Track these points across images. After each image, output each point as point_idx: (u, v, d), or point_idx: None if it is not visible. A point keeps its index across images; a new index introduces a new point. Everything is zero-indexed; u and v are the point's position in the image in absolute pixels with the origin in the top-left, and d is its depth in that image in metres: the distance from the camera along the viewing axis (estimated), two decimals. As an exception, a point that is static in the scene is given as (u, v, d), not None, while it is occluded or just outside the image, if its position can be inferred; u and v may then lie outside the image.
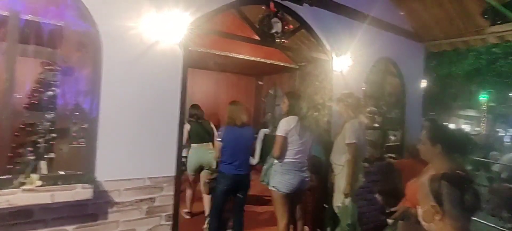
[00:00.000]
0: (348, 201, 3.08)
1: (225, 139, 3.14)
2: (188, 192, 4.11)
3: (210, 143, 3.94)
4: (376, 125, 4.62)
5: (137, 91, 2.60)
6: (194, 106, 4.18)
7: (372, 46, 4.17)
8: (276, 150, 2.91)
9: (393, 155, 4.56)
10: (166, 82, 2.74)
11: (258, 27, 3.23)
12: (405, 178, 2.43)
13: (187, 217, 4.10)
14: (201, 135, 3.94)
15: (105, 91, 2.44)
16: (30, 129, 2.30)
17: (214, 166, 3.77)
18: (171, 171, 2.78)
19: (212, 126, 4.13)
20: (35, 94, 2.38)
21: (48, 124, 2.29)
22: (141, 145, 2.62)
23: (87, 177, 2.31)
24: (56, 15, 2.36)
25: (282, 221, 2.97)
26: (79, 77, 2.41)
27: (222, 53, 5.32)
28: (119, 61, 2.51)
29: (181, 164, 2.84)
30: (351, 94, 3.37)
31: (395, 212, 2.03)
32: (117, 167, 2.51)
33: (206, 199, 3.78)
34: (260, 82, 8.83)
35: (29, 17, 2.26)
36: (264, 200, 4.63)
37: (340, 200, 3.14)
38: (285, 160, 2.94)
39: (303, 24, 3.60)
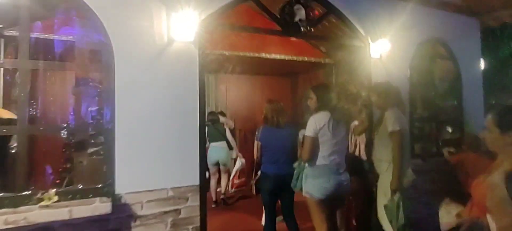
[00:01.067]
0: (397, 197, 2.62)
1: (263, 138, 3.08)
2: (212, 182, 4.76)
3: (224, 142, 4.90)
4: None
5: (153, 97, 2.47)
6: (211, 113, 5.21)
7: (415, 26, 3.67)
8: (305, 153, 2.58)
9: (451, 150, 3.93)
10: (183, 84, 2.58)
11: (279, 17, 2.95)
12: (468, 176, 1.99)
13: (213, 206, 4.64)
14: (216, 135, 4.83)
15: (119, 99, 2.34)
16: (49, 142, 2.25)
17: (228, 164, 4.89)
18: (195, 180, 2.59)
19: (226, 127, 5.08)
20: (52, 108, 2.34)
21: (66, 137, 2.23)
22: (161, 153, 2.48)
23: (106, 190, 2.21)
24: (69, 31, 2.31)
25: (320, 230, 2.62)
26: (93, 88, 2.33)
27: (250, 55, 5.15)
28: (132, 67, 2.40)
29: (204, 172, 2.65)
30: (385, 83, 2.95)
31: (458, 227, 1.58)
32: (137, 178, 2.38)
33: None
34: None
35: (42, 35, 2.23)
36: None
37: (386, 199, 2.70)
38: (317, 163, 2.58)
39: (331, 9, 3.24)
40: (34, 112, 2.30)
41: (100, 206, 2.12)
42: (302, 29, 3.03)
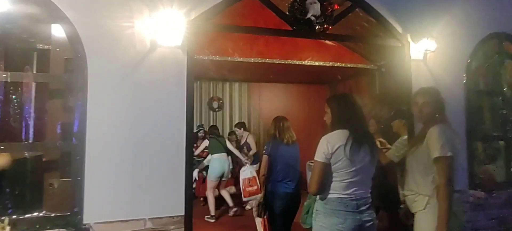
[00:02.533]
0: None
1: (273, 154, 2.93)
2: (211, 197, 4.68)
3: (226, 154, 4.95)
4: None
5: (132, 112, 2.15)
6: (213, 126, 5.72)
7: (469, 19, 2.87)
8: (312, 183, 1.99)
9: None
10: (167, 97, 2.22)
11: (288, 14, 2.45)
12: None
13: (212, 221, 4.61)
14: (219, 147, 4.91)
15: (91, 114, 2.05)
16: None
17: (229, 175, 5.00)
18: (180, 210, 2.19)
19: (226, 140, 5.22)
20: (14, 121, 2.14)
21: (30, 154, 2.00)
22: (139, 178, 2.13)
23: (71, 219, 1.91)
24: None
25: None
26: (64, 101, 2.08)
27: (278, 62, 4.73)
28: (108, 77, 2.11)
29: (191, 200, 2.24)
30: (432, 90, 2.23)
31: None
32: (110, 206, 2.06)
33: (258, 222, 3.42)
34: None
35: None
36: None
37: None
38: (330, 196, 1.97)
39: (357, 1, 2.64)
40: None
41: (59, 239, 1.83)
42: (317, 28, 2.49)
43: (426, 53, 2.81)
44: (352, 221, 1.93)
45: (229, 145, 5.08)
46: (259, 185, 4.86)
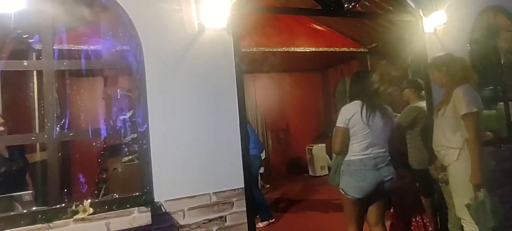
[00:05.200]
0: (482, 194, 2.19)
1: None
2: None
3: None
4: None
5: (187, 94, 2.22)
6: None
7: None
8: (334, 145, 2.36)
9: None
10: (218, 77, 2.31)
11: (318, -6, 2.62)
12: None
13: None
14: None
15: (151, 100, 2.10)
16: (81, 151, 2.06)
17: None
18: (240, 183, 2.30)
19: None
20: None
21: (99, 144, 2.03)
22: (200, 155, 2.21)
23: (144, 199, 1.97)
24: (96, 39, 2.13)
25: (351, 229, 2.37)
26: (123, 91, 2.12)
27: (277, 49, 4.85)
28: (163, 63, 2.17)
29: (250, 173, 2.36)
30: (447, 55, 2.53)
31: None
32: (177, 184, 2.13)
33: None
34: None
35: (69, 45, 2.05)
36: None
37: (466, 195, 2.26)
38: (351, 158, 2.32)
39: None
40: (64, 120, 2.11)
41: (139, 217, 1.88)
42: (346, 6, 2.68)
43: (436, 26, 3.09)
44: (372, 178, 2.27)
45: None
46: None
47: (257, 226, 2.90)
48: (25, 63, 1.89)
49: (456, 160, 2.36)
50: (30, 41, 2.88)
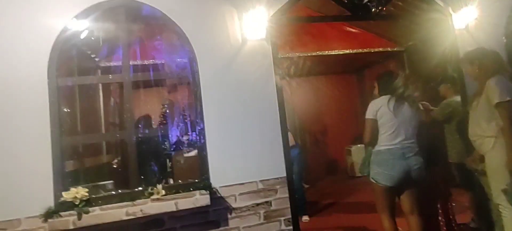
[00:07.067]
0: (520, 180, 2.27)
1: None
2: None
3: None
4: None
5: (234, 96, 2.60)
6: None
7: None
8: (364, 135, 2.59)
9: None
10: (260, 81, 2.66)
11: (346, 1, 2.88)
12: None
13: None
14: None
15: (205, 102, 2.52)
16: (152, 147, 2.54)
17: None
18: (282, 172, 2.63)
19: None
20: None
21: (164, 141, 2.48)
22: (247, 148, 2.58)
23: (203, 184, 2.38)
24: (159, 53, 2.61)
25: (384, 217, 2.54)
26: (182, 96, 2.57)
27: (312, 54, 5.10)
28: (214, 72, 2.57)
29: (291, 163, 2.67)
30: (479, 49, 2.64)
31: None
32: (229, 173, 2.51)
33: None
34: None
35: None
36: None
37: (503, 181, 2.35)
38: (380, 148, 2.53)
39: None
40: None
41: (200, 198, 2.28)
42: (373, 10, 2.91)
43: (467, 22, 3.18)
44: (400, 167, 2.46)
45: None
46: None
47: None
48: (110, 77, 2.40)
49: (492, 147, 2.45)
50: (97, 59, 3.48)
